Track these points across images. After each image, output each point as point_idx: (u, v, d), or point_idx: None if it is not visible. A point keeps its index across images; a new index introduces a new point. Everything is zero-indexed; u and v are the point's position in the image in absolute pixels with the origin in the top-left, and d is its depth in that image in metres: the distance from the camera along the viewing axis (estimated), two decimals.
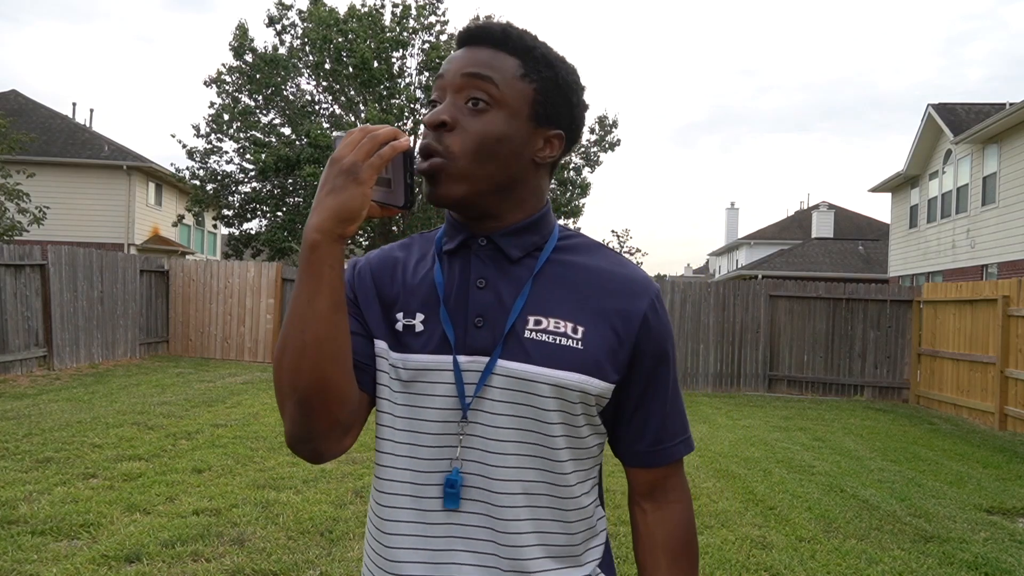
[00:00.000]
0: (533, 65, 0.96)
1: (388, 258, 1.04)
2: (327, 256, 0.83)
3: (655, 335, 0.98)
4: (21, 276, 9.61)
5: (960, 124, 16.23)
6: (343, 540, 3.92)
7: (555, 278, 0.97)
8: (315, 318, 0.84)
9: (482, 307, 0.94)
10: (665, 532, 1.03)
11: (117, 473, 5.00)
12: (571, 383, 0.92)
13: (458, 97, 0.93)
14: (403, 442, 0.95)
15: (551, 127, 0.98)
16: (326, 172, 0.84)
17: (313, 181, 15.54)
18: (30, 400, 7.85)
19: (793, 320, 11.59)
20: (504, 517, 0.92)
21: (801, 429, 8.21)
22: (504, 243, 0.97)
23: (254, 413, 7.55)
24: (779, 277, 23.80)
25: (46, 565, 3.43)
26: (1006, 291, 8.86)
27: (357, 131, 0.85)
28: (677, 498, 1.05)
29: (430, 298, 0.97)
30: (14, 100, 22.51)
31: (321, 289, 0.83)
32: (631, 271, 1.01)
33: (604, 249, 1.03)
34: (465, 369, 0.93)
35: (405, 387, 0.94)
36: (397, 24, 17.13)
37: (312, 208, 0.84)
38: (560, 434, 0.93)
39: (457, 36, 0.99)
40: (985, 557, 4.08)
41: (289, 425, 0.90)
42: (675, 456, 1.03)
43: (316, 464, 0.95)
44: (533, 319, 0.94)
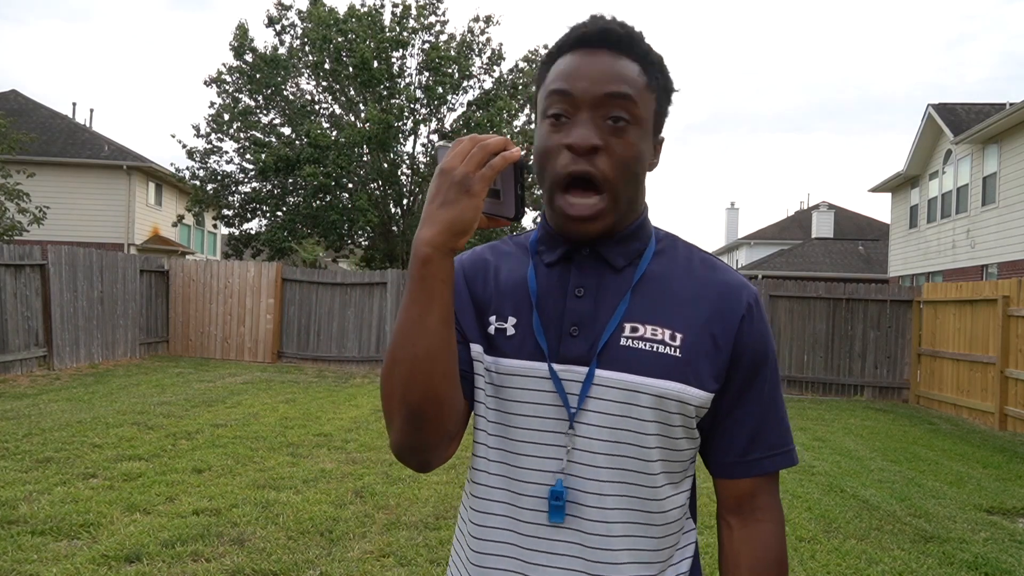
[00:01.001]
0: (652, 72, 0.93)
1: (479, 260, 1.02)
2: (439, 271, 0.81)
3: (753, 339, 0.94)
4: (21, 276, 9.61)
5: (960, 124, 16.23)
6: (343, 540, 3.92)
7: (653, 284, 0.95)
8: (426, 333, 0.82)
9: (579, 316, 0.92)
10: (750, 552, 0.97)
11: (117, 473, 5.00)
12: (670, 392, 0.89)
13: (596, 114, 0.88)
14: (496, 447, 0.94)
15: (659, 134, 0.97)
16: (436, 183, 0.81)
17: (313, 181, 15.53)
18: (30, 400, 7.85)
19: (793, 320, 11.59)
20: (595, 531, 0.90)
21: (801, 429, 8.21)
22: (609, 253, 0.94)
23: (254, 413, 7.55)
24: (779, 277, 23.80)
25: (46, 565, 3.43)
26: (1006, 291, 8.86)
27: (466, 140, 0.82)
28: (767, 517, 0.98)
29: (523, 303, 0.95)
30: (14, 100, 22.52)
31: (433, 305, 0.82)
32: (728, 275, 0.97)
33: (699, 251, 1.00)
34: (563, 378, 0.91)
35: (497, 391, 0.93)
36: (397, 24, 17.12)
37: (422, 221, 0.81)
38: (655, 445, 0.90)
39: (572, 36, 0.93)
40: (985, 557, 4.08)
41: (397, 436, 0.88)
42: (766, 469, 0.97)
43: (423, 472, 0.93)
44: (630, 326, 0.91)
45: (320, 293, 12.78)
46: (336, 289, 12.72)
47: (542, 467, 0.91)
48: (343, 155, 15.92)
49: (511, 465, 0.92)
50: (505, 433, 0.93)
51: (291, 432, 6.65)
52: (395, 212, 18.13)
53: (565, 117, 0.90)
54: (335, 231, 17.04)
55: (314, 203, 16.85)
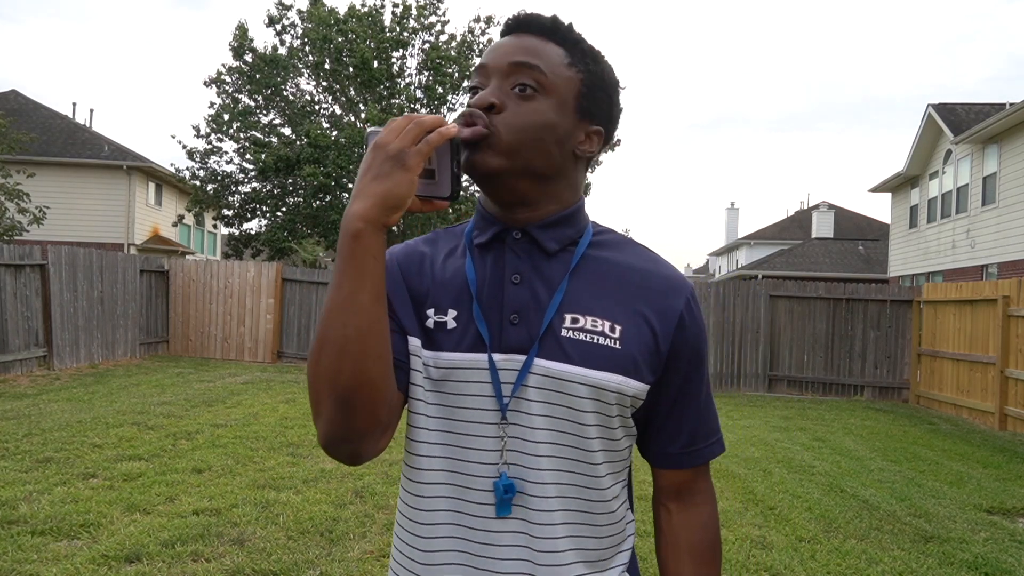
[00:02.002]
0: (580, 57, 0.94)
1: (414, 252, 1.00)
2: (371, 246, 0.79)
3: (691, 335, 0.97)
4: (21, 276, 9.61)
5: (960, 124, 16.23)
6: (343, 540, 3.92)
7: (591, 274, 0.94)
8: (358, 311, 0.79)
9: (518, 303, 0.91)
10: (690, 534, 1.01)
11: (117, 473, 5.00)
12: (609, 384, 0.90)
13: (505, 83, 0.90)
14: (439, 443, 0.91)
15: (593, 122, 0.96)
16: (369, 158, 0.80)
17: (313, 181, 15.53)
18: (30, 400, 7.85)
19: (793, 320, 11.59)
20: (540, 522, 0.89)
21: (801, 429, 8.21)
22: (540, 235, 0.94)
23: (254, 413, 7.55)
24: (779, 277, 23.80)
25: (46, 565, 3.43)
26: (1006, 291, 8.86)
27: (401, 118, 0.81)
28: (704, 500, 1.03)
29: (462, 294, 0.93)
30: (14, 100, 22.51)
31: (364, 281, 0.79)
32: (666, 269, 0.99)
33: (637, 245, 1.01)
34: (501, 368, 0.90)
35: (437, 386, 0.91)
36: (397, 24, 17.12)
37: (354, 195, 0.80)
38: (596, 436, 0.91)
39: (505, 24, 0.96)
40: (985, 557, 4.08)
41: (326, 426, 0.84)
42: (707, 457, 1.02)
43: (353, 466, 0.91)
44: (570, 317, 0.91)
45: (320, 293, 12.78)
46: None
47: (485, 460, 0.90)
48: (343, 155, 15.92)
49: (457, 459, 0.91)
50: (449, 427, 0.91)
51: (291, 432, 6.65)
52: None
53: (480, 87, 0.92)
54: (335, 231, 17.04)
55: (314, 203, 16.85)
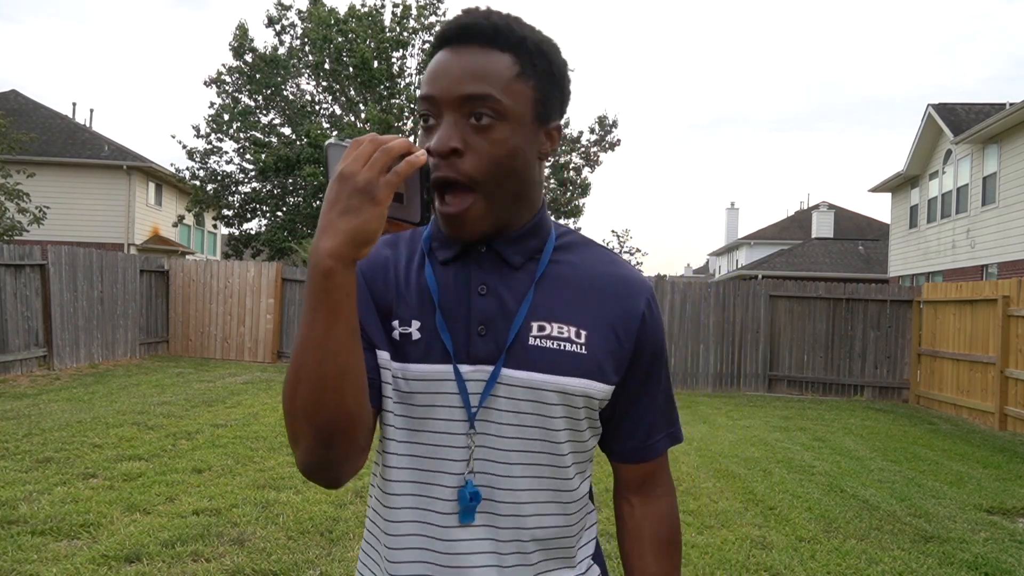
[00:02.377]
0: (528, 59, 0.90)
1: (378, 257, 0.97)
2: (343, 283, 0.76)
3: (652, 334, 0.98)
4: (21, 276, 9.61)
5: (960, 124, 16.23)
6: (343, 540, 3.92)
7: (555, 281, 0.95)
8: (334, 350, 0.77)
9: (485, 315, 0.91)
10: (652, 525, 1.03)
11: (117, 473, 5.00)
12: (576, 388, 0.91)
13: (458, 115, 0.87)
14: (406, 454, 0.92)
15: (550, 121, 0.94)
16: (335, 189, 0.75)
17: (313, 181, 15.53)
18: (30, 400, 7.85)
19: (793, 320, 11.59)
20: (507, 526, 0.91)
21: (801, 429, 8.21)
22: (506, 251, 0.93)
23: (254, 413, 7.55)
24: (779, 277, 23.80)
25: (46, 565, 3.43)
26: (1006, 291, 8.86)
27: (366, 142, 0.76)
28: (664, 492, 1.06)
29: (425, 305, 0.92)
30: (14, 100, 22.51)
31: (339, 319, 0.76)
32: (626, 271, 1.00)
33: (597, 247, 1.02)
34: (469, 379, 0.90)
35: (405, 398, 0.91)
36: (397, 24, 17.13)
37: (320, 229, 0.75)
38: (565, 439, 0.93)
39: (438, 35, 0.91)
40: (985, 557, 4.08)
41: (305, 456, 0.83)
42: (664, 448, 1.04)
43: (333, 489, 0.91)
44: (537, 325, 0.91)
45: None
46: None
47: (451, 469, 0.90)
48: None
49: (421, 470, 0.91)
50: (414, 438, 0.91)
51: None
52: None
53: (432, 119, 0.89)
54: None
55: (314, 203, 16.86)
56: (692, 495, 5.11)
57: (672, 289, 11.83)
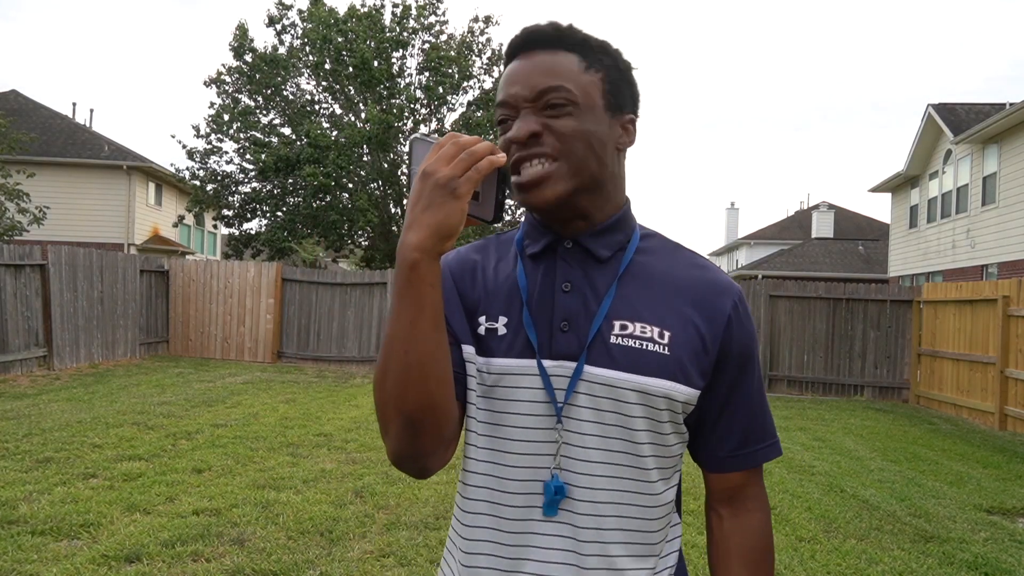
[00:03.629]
0: (593, 56, 0.94)
1: (466, 260, 1.01)
2: (428, 275, 0.80)
3: (739, 338, 0.97)
4: (21, 276, 9.61)
5: (960, 124, 16.23)
6: (343, 540, 3.92)
7: (639, 279, 0.96)
8: (419, 339, 0.81)
9: (568, 311, 0.93)
10: (741, 540, 1.01)
11: (117, 473, 5.00)
12: (658, 390, 0.91)
13: (534, 107, 0.91)
14: (486, 447, 0.93)
15: (623, 112, 0.97)
16: (419, 186, 0.80)
17: (313, 181, 15.52)
18: (30, 400, 7.85)
19: (793, 320, 11.59)
20: (586, 525, 0.90)
21: (801, 429, 8.21)
22: (592, 244, 0.95)
23: (254, 413, 7.55)
24: (779, 277, 23.80)
25: (46, 565, 3.43)
26: (1006, 291, 8.86)
27: (448, 143, 0.82)
28: (756, 506, 1.03)
29: (513, 301, 0.95)
30: (14, 100, 22.51)
31: (424, 309, 0.80)
32: (714, 274, 0.99)
33: (684, 249, 1.02)
34: (552, 374, 0.91)
35: (488, 391, 0.93)
36: (397, 24, 17.12)
37: (407, 225, 0.80)
38: (646, 441, 0.92)
39: (508, 47, 0.97)
40: (985, 557, 4.08)
41: (395, 444, 0.87)
42: (759, 461, 1.01)
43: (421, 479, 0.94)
44: (619, 323, 0.92)
45: (320, 293, 12.78)
46: (336, 289, 12.72)
47: (531, 464, 0.91)
48: (343, 155, 15.92)
49: (498, 463, 0.92)
50: (494, 432, 0.93)
51: (291, 432, 6.65)
52: (395, 212, 18.12)
53: (511, 120, 0.93)
54: (335, 231, 17.04)
55: (314, 203, 16.85)
56: (692, 495, 5.11)
57: None
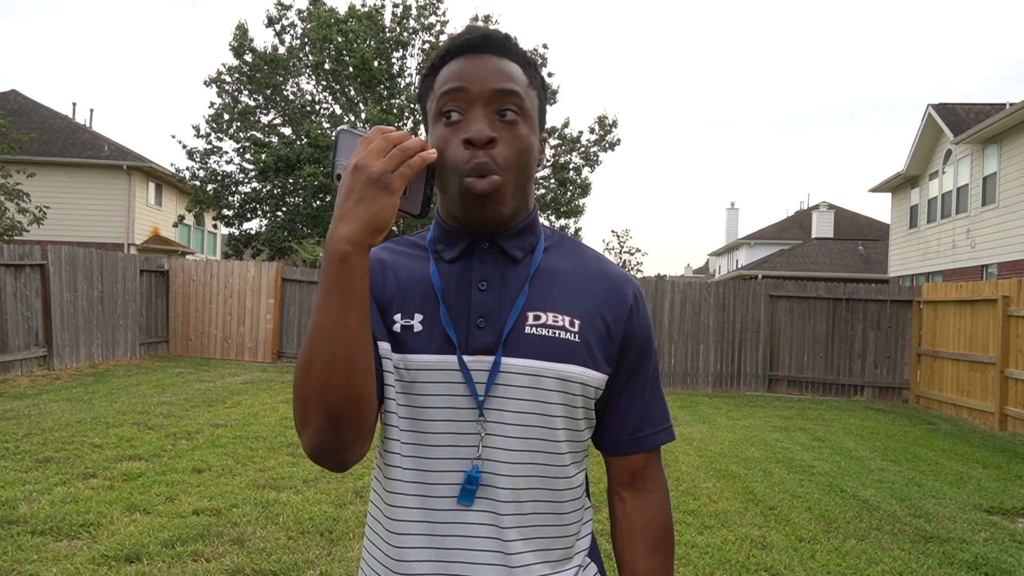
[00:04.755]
0: (531, 72, 0.99)
1: (375, 261, 1.02)
2: (358, 267, 0.81)
3: (640, 327, 1.03)
4: (21, 276, 9.61)
5: (960, 124, 16.23)
6: (343, 540, 3.92)
7: (549, 275, 1.00)
8: (346, 331, 0.82)
9: (484, 308, 0.96)
10: (643, 520, 1.06)
11: (117, 473, 5.00)
12: (573, 375, 0.95)
13: (489, 109, 0.94)
14: (409, 442, 0.95)
15: (543, 130, 1.03)
16: (350, 179, 0.81)
17: (313, 181, 15.52)
18: (30, 400, 7.85)
19: (793, 320, 11.59)
20: (508, 512, 0.94)
21: (801, 429, 8.21)
22: (507, 245, 0.99)
23: (254, 413, 7.55)
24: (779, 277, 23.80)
25: (46, 565, 3.43)
26: (1006, 291, 8.86)
27: (378, 137, 0.83)
28: (656, 487, 1.08)
29: (427, 299, 0.97)
30: (14, 100, 22.51)
31: (352, 302, 0.82)
32: (613, 268, 1.06)
33: (585, 247, 1.08)
34: (472, 369, 0.94)
35: (407, 387, 0.95)
36: (397, 24, 17.13)
37: (337, 218, 0.81)
38: (561, 427, 0.96)
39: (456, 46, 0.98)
40: (985, 557, 4.08)
41: (314, 438, 0.87)
42: (655, 444, 1.07)
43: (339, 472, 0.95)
44: (532, 315, 0.96)
45: None
46: None
47: (456, 455, 0.94)
48: None
49: (424, 457, 0.94)
50: (417, 427, 0.95)
51: (291, 432, 6.65)
52: None
53: (458, 114, 0.95)
54: None
55: (314, 203, 16.85)
56: (692, 495, 5.11)
57: (672, 289, 11.83)
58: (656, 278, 12.59)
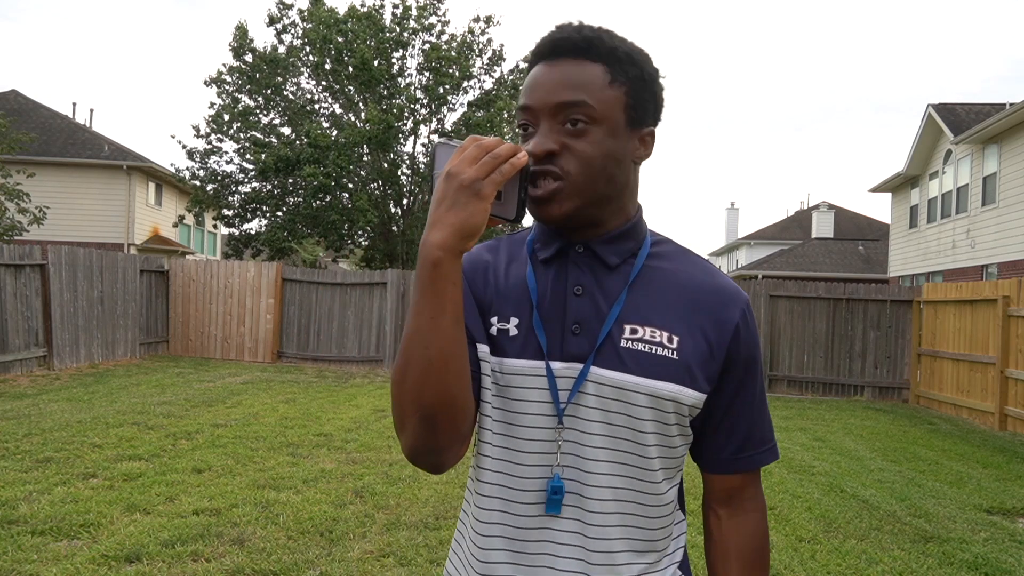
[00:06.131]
0: (619, 68, 0.94)
1: (478, 261, 1.03)
2: (450, 272, 0.81)
3: (746, 345, 0.99)
4: (21, 276, 9.61)
5: (960, 124, 16.23)
6: (343, 540, 3.92)
7: (650, 285, 0.98)
8: (440, 335, 0.82)
9: (579, 314, 0.95)
10: (739, 540, 1.03)
11: (117, 473, 5.00)
12: (666, 393, 0.93)
13: (554, 123, 0.92)
14: (499, 446, 0.95)
15: (644, 125, 0.98)
16: (443, 187, 0.82)
17: (313, 181, 15.52)
18: (30, 400, 7.85)
19: (793, 320, 11.59)
20: (595, 523, 0.93)
21: (801, 429, 8.21)
22: (602, 250, 0.97)
23: (254, 413, 7.55)
24: (779, 277, 23.80)
25: (46, 565, 3.43)
26: (1006, 291, 8.86)
27: (471, 145, 0.83)
28: (754, 507, 1.05)
29: (523, 303, 0.97)
30: (14, 100, 22.51)
31: (445, 306, 0.82)
32: (722, 280, 1.01)
33: (694, 256, 1.03)
34: (560, 376, 0.93)
35: (500, 391, 0.95)
36: (397, 24, 17.13)
37: (430, 224, 0.82)
38: (653, 443, 0.94)
39: (535, 50, 0.97)
40: (985, 557, 4.08)
41: (411, 440, 0.88)
42: (759, 464, 1.04)
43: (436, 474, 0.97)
44: (629, 328, 0.94)
45: (320, 293, 12.78)
46: (336, 289, 12.73)
47: (539, 462, 0.94)
48: (343, 155, 15.92)
49: (511, 462, 0.95)
50: (508, 431, 0.95)
51: (291, 432, 6.65)
52: (395, 212, 18.13)
53: (531, 127, 0.95)
54: (335, 231, 17.04)
55: (314, 203, 16.85)
56: (692, 495, 5.11)
57: None
58: None
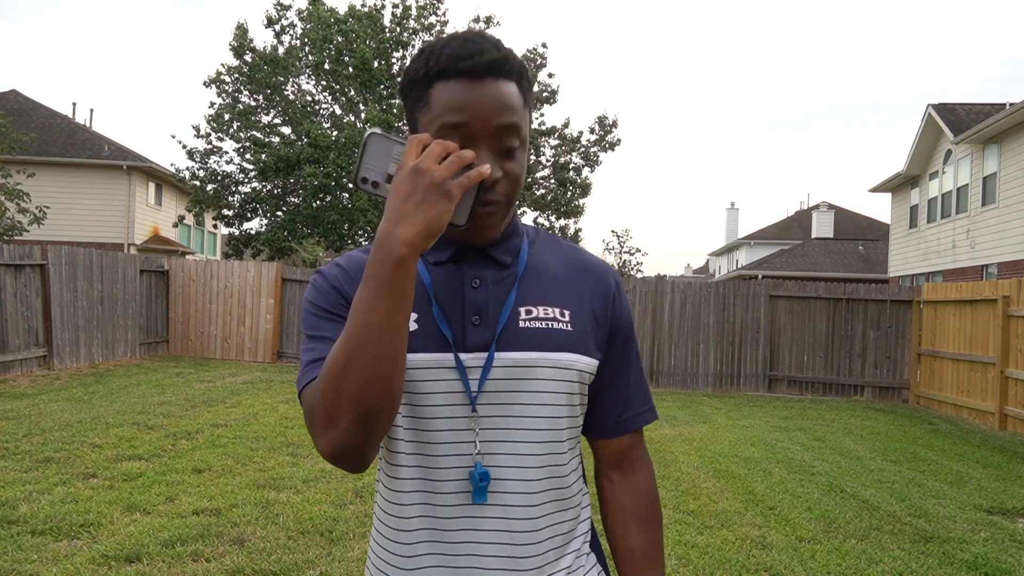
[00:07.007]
0: (526, 84, 0.98)
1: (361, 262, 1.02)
2: (412, 270, 0.81)
3: (623, 312, 1.07)
4: (21, 276, 9.61)
5: (960, 124, 16.23)
6: (343, 540, 3.92)
7: (536, 272, 1.03)
8: (393, 332, 0.81)
9: (478, 305, 0.97)
10: (633, 499, 1.09)
11: (117, 473, 4.99)
12: (566, 362, 0.97)
13: (492, 145, 0.93)
14: (412, 440, 0.96)
15: None
16: (410, 182, 0.80)
17: (313, 181, 15.51)
18: (30, 400, 7.85)
19: (793, 320, 11.59)
20: (518, 504, 0.95)
21: (801, 429, 8.21)
22: (496, 252, 1.01)
23: (254, 413, 7.55)
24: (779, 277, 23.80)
25: (46, 565, 3.43)
26: (1006, 291, 8.86)
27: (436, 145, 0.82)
28: (642, 466, 1.11)
29: (420, 298, 0.98)
30: (14, 100, 22.52)
31: (402, 304, 0.81)
32: (591, 257, 1.09)
33: (561, 240, 1.11)
34: (468, 365, 0.95)
35: (408, 387, 0.95)
36: (397, 24, 17.13)
37: (395, 219, 0.80)
38: (565, 415, 0.98)
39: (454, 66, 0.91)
40: (985, 557, 4.08)
41: (341, 438, 0.85)
42: (642, 423, 1.10)
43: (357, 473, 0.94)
44: (524, 309, 0.99)
45: None
46: None
47: (457, 451, 0.95)
48: (343, 155, 15.92)
49: (427, 455, 0.95)
50: (419, 425, 0.95)
51: (291, 432, 6.65)
52: None
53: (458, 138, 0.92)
54: (335, 231, 17.04)
55: (314, 203, 16.85)
56: (692, 495, 5.11)
57: (672, 289, 11.82)
58: (656, 278, 12.59)
